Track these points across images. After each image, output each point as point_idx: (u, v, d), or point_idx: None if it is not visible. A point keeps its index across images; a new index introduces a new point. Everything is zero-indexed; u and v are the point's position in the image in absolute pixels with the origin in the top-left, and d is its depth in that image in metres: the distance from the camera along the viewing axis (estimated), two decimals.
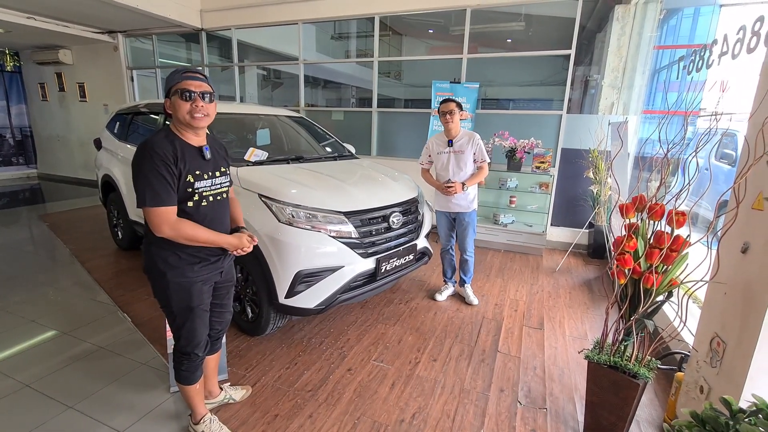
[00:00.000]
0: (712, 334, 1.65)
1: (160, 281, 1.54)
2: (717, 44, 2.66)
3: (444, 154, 3.01)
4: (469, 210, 3.05)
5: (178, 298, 1.56)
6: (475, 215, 3.10)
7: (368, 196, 2.70)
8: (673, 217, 1.50)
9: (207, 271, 1.61)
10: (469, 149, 2.94)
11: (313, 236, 2.33)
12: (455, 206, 3.04)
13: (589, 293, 3.60)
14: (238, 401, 2.04)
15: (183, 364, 1.66)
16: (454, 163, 2.98)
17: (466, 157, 2.95)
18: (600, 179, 4.42)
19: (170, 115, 1.48)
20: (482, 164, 2.99)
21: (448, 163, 3.00)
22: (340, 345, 2.59)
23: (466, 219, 3.06)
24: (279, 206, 2.34)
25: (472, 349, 2.62)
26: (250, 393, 2.10)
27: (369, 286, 2.59)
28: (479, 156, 2.97)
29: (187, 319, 1.60)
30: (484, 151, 2.96)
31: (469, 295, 3.27)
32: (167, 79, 1.49)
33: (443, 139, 3.03)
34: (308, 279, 2.30)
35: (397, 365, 2.40)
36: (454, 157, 2.98)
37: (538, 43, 6.26)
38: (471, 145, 2.94)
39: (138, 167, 1.41)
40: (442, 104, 2.95)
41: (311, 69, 7.23)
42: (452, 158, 2.98)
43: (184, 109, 1.43)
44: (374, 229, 2.58)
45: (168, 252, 1.52)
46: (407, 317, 3.00)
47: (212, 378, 1.97)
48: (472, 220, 3.08)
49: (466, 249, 3.15)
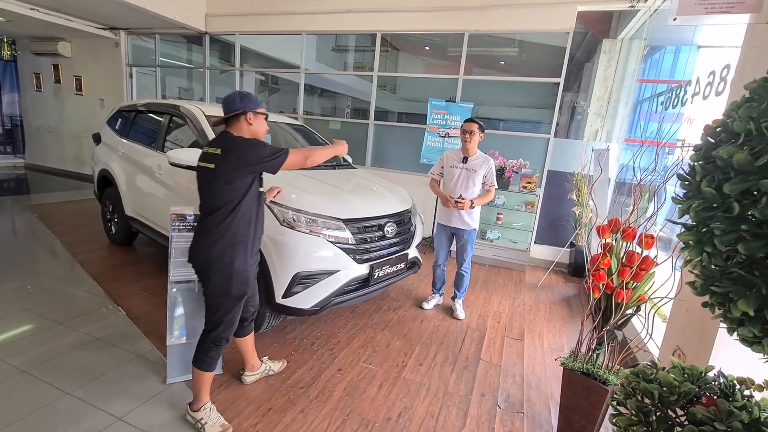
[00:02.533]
0: (674, 346, 1.83)
1: (226, 271, 1.78)
2: (691, 85, 2.92)
3: (456, 169, 3.10)
4: (470, 228, 3.14)
5: (238, 287, 1.82)
6: (475, 234, 3.19)
7: (366, 205, 2.84)
8: (643, 239, 1.68)
9: (254, 261, 1.95)
10: (481, 170, 3.06)
11: (312, 240, 2.45)
12: (458, 221, 3.12)
13: (568, 309, 3.79)
14: (276, 372, 2.34)
15: (212, 350, 1.85)
16: (464, 179, 3.08)
17: (476, 176, 3.06)
18: (582, 202, 4.65)
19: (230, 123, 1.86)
20: (491, 188, 3.10)
21: (459, 178, 3.09)
22: (330, 346, 2.70)
23: (465, 236, 3.16)
24: (281, 209, 2.46)
25: (456, 356, 2.75)
26: (286, 365, 2.42)
27: (362, 291, 2.71)
28: (489, 180, 3.09)
29: (234, 306, 1.84)
30: (494, 177, 3.09)
31: (458, 309, 3.35)
32: (252, 98, 1.86)
33: (459, 155, 3.13)
34: (305, 281, 2.42)
35: (384, 368, 2.52)
36: (466, 174, 3.08)
37: (530, 68, 6.57)
38: (484, 168, 3.06)
39: (260, 148, 1.78)
40: (465, 123, 3.06)
41: (310, 78, 7.40)
42: (463, 174, 3.08)
43: (264, 128, 1.93)
44: (369, 236, 2.72)
45: (238, 245, 1.80)
46: (395, 324, 3.12)
47: (252, 353, 2.25)
48: (472, 238, 3.17)
49: (463, 264, 3.24)
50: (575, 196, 4.73)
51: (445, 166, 3.20)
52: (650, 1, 4.33)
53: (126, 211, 3.87)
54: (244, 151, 1.75)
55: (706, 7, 1.61)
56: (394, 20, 5.32)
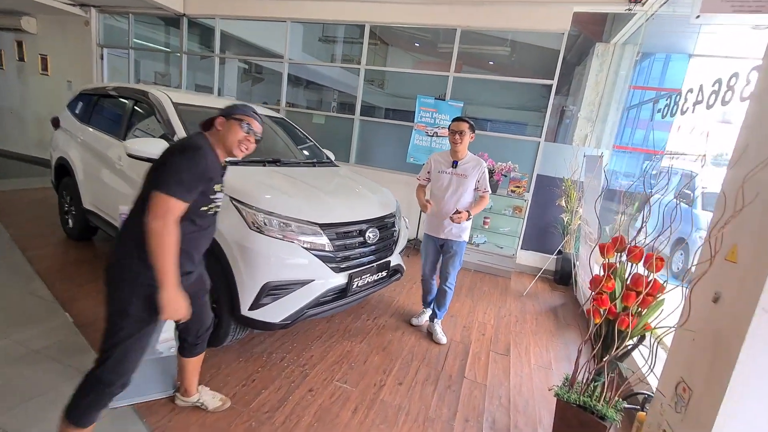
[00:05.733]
0: (677, 378, 1.67)
1: (131, 281, 1.42)
2: (692, 93, 2.78)
3: (445, 175, 2.76)
4: (460, 239, 2.80)
5: (140, 305, 1.42)
6: (464, 246, 2.86)
7: (346, 208, 2.61)
8: (653, 262, 1.50)
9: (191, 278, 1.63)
10: (473, 175, 2.72)
11: (285, 246, 2.21)
12: (447, 233, 2.78)
13: (555, 320, 3.64)
14: (209, 410, 1.95)
15: (90, 394, 1.43)
16: (454, 186, 2.74)
17: (468, 182, 2.72)
18: (571, 208, 4.53)
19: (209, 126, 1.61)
20: (485, 194, 2.78)
21: (448, 185, 2.75)
22: (302, 362, 2.46)
23: (454, 248, 2.81)
24: (250, 212, 2.21)
25: (439, 373, 2.56)
26: (228, 407, 1.99)
27: (339, 302, 2.48)
28: (482, 185, 2.75)
29: (132, 335, 1.43)
30: (487, 181, 2.77)
31: (437, 332, 2.95)
32: (241, 107, 1.62)
33: (447, 158, 2.78)
34: (276, 291, 2.18)
35: (361, 387, 2.30)
36: (456, 180, 2.74)
37: (521, 69, 6.41)
38: (476, 172, 2.73)
39: (175, 159, 1.42)
40: (454, 123, 2.70)
41: (295, 68, 7.07)
42: (453, 181, 2.74)
43: (237, 136, 1.57)
44: (349, 243, 2.49)
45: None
46: (374, 335, 2.91)
47: (191, 377, 1.92)
48: (461, 250, 2.84)
49: (447, 279, 2.89)
50: (564, 203, 4.60)
51: (433, 171, 2.85)
52: (647, 5, 4.20)
53: (83, 204, 3.53)
54: (158, 161, 1.46)
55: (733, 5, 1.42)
56: (385, 11, 5.07)
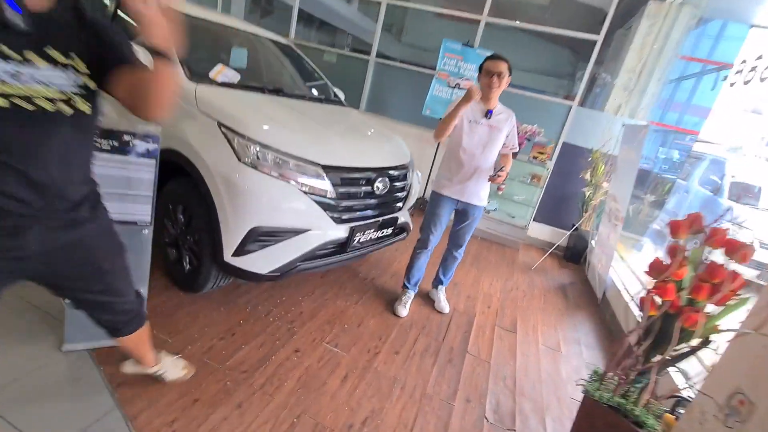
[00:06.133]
0: (732, 388, 1.40)
1: None
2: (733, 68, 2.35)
3: (479, 126, 2.28)
4: (482, 204, 2.44)
5: None
6: (482, 212, 2.51)
7: (354, 152, 2.25)
8: (741, 250, 1.18)
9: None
10: (505, 128, 2.31)
11: (281, 187, 1.87)
12: (473, 195, 2.37)
13: (564, 299, 3.40)
14: (167, 382, 1.58)
15: None
16: (487, 139, 2.29)
17: (500, 137, 2.31)
18: (595, 182, 4.17)
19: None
20: (510, 152, 2.40)
21: (481, 139, 2.29)
22: (290, 318, 2.20)
23: (475, 213, 2.44)
24: (243, 142, 1.85)
25: (440, 345, 2.32)
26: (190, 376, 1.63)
27: (335, 257, 2.19)
28: (511, 141, 2.36)
29: None
30: (516, 137, 2.40)
31: (441, 299, 2.70)
32: None
33: (480, 106, 2.30)
34: (265, 238, 1.87)
35: (353, 353, 2.06)
36: (489, 133, 2.29)
37: (558, 24, 5.80)
38: (508, 125, 2.32)
39: None
40: (490, 61, 2.21)
41: (308, 4, 6.40)
42: (486, 134, 2.29)
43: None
44: (354, 191, 2.15)
45: None
46: (372, 296, 2.65)
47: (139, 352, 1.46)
48: (479, 216, 2.48)
49: (461, 246, 2.57)
50: (589, 176, 4.23)
51: (463, 121, 2.31)
52: None
53: None
54: None
55: None
56: None
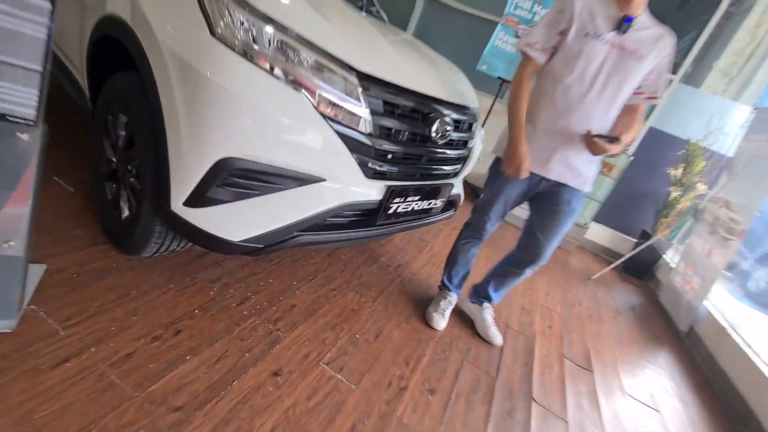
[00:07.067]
0: None
1: None
2: None
3: (602, 45, 1.32)
4: (584, 188, 1.51)
5: None
6: (582, 202, 1.57)
7: (411, 68, 1.42)
8: None
9: None
10: (651, 56, 1.34)
11: (283, 96, 1.06)
12: (567, 172, 1.46)
13: (638, 326, 2.60)
14: None
15: None
16: (611, 70, 1.34)
17: (639, 69, 1.35)
18: (687, 182, 3.29)
19: None
20: (648, 102, 1.46)
21: (600, 69, 1.34)
22: (275, 314, 1.43)
23: (573, 201, 1.51)
24: (226, 3, 1.03)
25: (493, 382, 1.54)
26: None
27: (357, 231, 1.39)
28: (655, 83, 1.40)
29: None
30: (664, 75, 1.41)
31: (488, 323, 1.77)
32: None
33: (610, 11, 1.33)
34: (243, 182, 1.07)
35: (366, 385, 1.29)
36: (621, 58, 1.33)
37: None
38: (658, 51, 1.35)
39: None
40: None
41: None
42: (615, 60, 1.34)
43: None
44: (403, 130, 1.33)
45: None
46: (396, 293, 1.86)
47: None
48: (579, 207, 1.55)
49: (537, 257, 1.60)
50: (678, 172, 3.34)
51: (573, 30, 1.33)
52: None
53: None
54: None
55: None
56: None
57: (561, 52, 1.39)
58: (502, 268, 1.77)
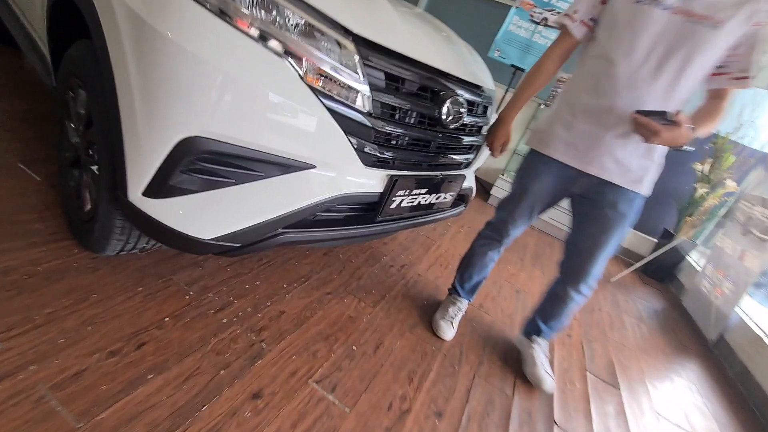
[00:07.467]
0: None
1: None
2: None
3: (657, 10, 1.07)
4: (638, 188, 1.24)
5: None
6: (641, 205, 1.28)
7: (418, 38, 1.22)
8: None
9: None
10: (733, 24, 1.04)
11: (266, 64, 0.87)
12: (611, 165, 1.21)
13: (663, 334, 2.39)
14: None
15: None
16: (673, 41, 1.08)
17: (716, 38, 1.05)
18: (715, 179, 3.05)
19: None
20: (739, 84, 1.10)
21: (657, 42, 1.09)
22: (259, 322, 1.25)
23: (621, 205, 1.24)
24: None
25: (509, 403, 1.35)
26: None
27: (353, 228, 1.20)
28: (744, 59, 1.08)
29: None
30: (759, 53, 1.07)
31: (536, 362, 1.45)
32: None
33: None
34: (214, 168, 0.88)
35: (362, 408, 1.11)
36: (683, 24, 1.06)
37: None
38: (744, 16, 1.03)
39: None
40: None
41: None
42: (674, 25, 1.07)
43: None
44: (409, 109, 1.13)
45: None
46: (399, 298, 1.67)
47: None
48: (635, 210, 1.26)
49: (589, 274, 1.34)
50: (705, 168, 3.10)
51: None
52: None
53: None
54: None
55: None
56: None
57: (604, 21, 1.18)
58: (549, 290, 1.52)
